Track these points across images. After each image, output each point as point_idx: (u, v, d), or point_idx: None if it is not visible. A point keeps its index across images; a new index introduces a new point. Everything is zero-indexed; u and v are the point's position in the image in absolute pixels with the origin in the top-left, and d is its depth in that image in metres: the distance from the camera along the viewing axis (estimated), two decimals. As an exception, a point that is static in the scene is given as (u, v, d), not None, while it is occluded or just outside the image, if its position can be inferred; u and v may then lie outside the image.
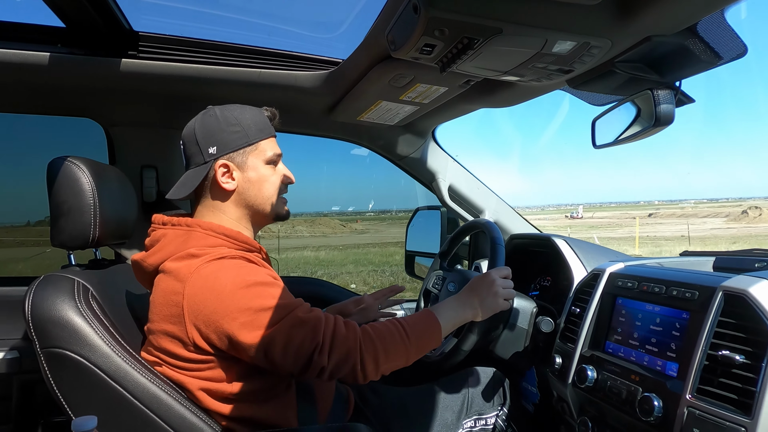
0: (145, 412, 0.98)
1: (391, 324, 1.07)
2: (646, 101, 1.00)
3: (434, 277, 1.56)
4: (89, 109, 1.64)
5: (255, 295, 0.96)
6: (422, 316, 1.11)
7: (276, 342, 0.95)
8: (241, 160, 1.10)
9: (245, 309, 0.95)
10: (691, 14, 0.82)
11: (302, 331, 0.96)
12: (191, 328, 0.96)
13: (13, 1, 1.44)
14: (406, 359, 1.06)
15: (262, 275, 1.00)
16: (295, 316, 0.97)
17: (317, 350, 0.96)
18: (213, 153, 1.08)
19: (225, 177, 1.10)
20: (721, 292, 0.91)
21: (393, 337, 1.04)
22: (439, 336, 1.10)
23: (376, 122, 1.70)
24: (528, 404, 1.41)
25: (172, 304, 0.98)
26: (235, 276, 0.97)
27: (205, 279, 0.96)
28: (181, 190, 1.09)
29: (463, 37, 0.84)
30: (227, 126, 1.09)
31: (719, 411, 0.82)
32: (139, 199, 1.66)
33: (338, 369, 0.98)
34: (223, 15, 1.52)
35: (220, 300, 0.95)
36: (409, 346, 1.05)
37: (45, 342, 0.98)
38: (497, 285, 1.18)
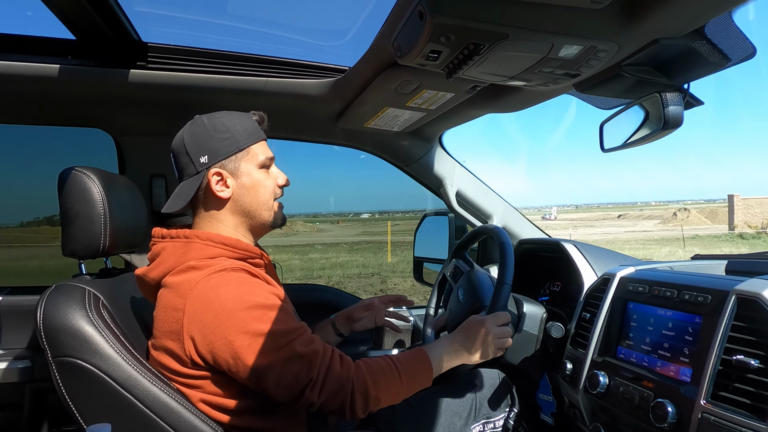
0: (155, 420, 0.98)
1: (385, 363, 1.06)
2: (654, 104, 1.00)
3: (452, 266, 1.55)
4: (99, 120, 1.66)
5: (254, 318, 0.95)
6: (416, 356, 1.11)
7: (270, 372, 0.94)
8: (233, 167, 1.09)
9: (243, 332, 0.94)
10: (699, 16, 0.82)
11: (298, 365, 0.95)
12: (189, 344, 0.96)
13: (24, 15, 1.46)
14: (396, 397, 1.06)
15: (264, 295, 0.99)
16: (292, 348, 0.96)
17: (309, 385, 0.96)
18: (205, 162, 1.07)
19: (219, 185, 1.09)
20: (734, 295, 0.90)
21: (385, 375, 1.04)
22: (430, 377, 1.11)
23: (383, 129, 1.70)
24: (546, 416, 1.39)
25: (172, 320, 0.98)
26: (235, 294, 0.96)
27: (206, 295, 0.96)
28: (176, 202, 1.08)
29: (469, 42, 0.85)
30: (216, 133, 1.08)
31: (734, 416, 0.81)
32: (149, 208, 1.67)
33: (327, 404, 0.98)
34: (231, 25, 1.53)
35: (219, 320, 0.94)
36: (400, 386, 1.05)
37: (56, 351, 0.98)
38: (493, 335, 1.17)
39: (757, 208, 23.60)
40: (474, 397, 1.37)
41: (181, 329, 0.96)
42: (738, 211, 23.46)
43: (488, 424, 1.35)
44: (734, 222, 23.08)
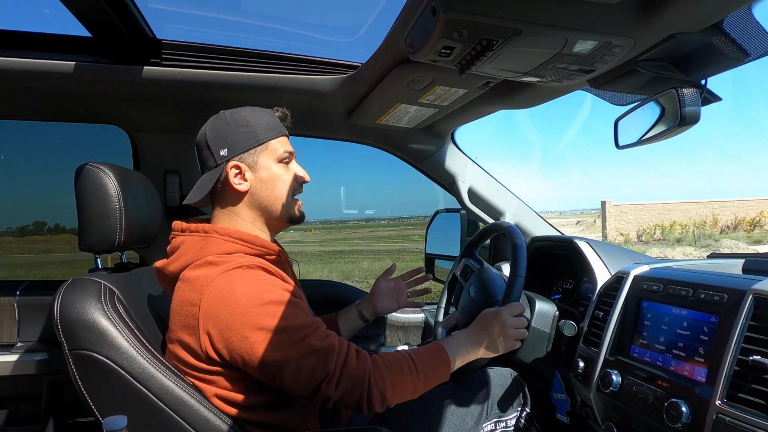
0: (169, 413, 0.99)
1: (402, 357, 1.06)
2: (671, 100, 0.98)
3: (462, 265, 1.54)
4: (114, 116, 1.68)
5: (270, 314, 0.95)
6: (432, 351, 1.10)
7: (286, 367, 0.95)
8: (252, 161, 1.10)
9: (259, 328, 0.94)
10: (717, 11, 0.80)
11: (314, 360, 0.96)
12: (205, 339, 0.97)
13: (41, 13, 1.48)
14: (413, 392, 1.05)
15: (278, 292, 0.99)
16: (308, 343, 0.96)
17: (326, 380, 0.96)
18: (224, 155, 1.09)
19: (237, 178, 1.10)
20: (751, 295, 0.88)
21: (402, 369, 1.04)
22: (447, 372, 1.10)
23: (395, 125, 1.70)
24: (562, 415, 1.38)
25: (188, 315, 0.99)
26: (251, 291, 0.97)
27: (221, 292, 0.96)
28: (195, 194, 1.10)
29: (482, 38, 0.84)
30: (237, 127, 1.10)
31: (750, 418, 0.79)
32: (163, 203, 1.69)
33: (344, 399, 0.98)
34: (244, 21, 1.54)
35: (234, 316, 0.95)
36: (417, 380, 1.05)
37: (73, 344, 1.00)
38: (509, 326, 1.16)
39: (631, 215, 22.25)
40: (486, 395, 1.36)
41: (197, 324, 0.97)
42: (611, 218, 22.11)
43: (500, 423, 1.34)
44: (606, 229, 21.71)
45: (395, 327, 1.89)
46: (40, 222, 11.35)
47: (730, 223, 23.22)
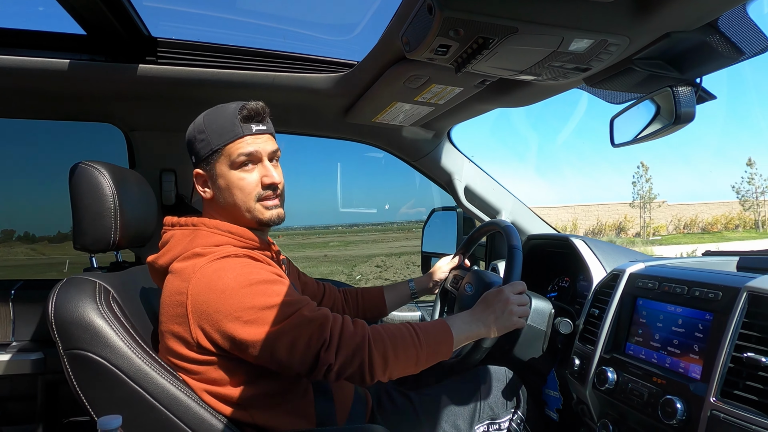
0: (164, 412, 0.99)
1: (404, 327, 1.05)
2: (666, 99, 0.99)
3: (452, 276, 1.55)
4: (110, 115, 1.67)
5: (258, 293, 0.96)
6: (436, 324, 1.09)
7: (282, 340, 0.94)
8: (210, 168, 1.08)
9: (249, 307, 0.94)
10: (712, 9, 0.81)
11: (309, 329, 0.95)
12: (195, 327, 0.97)
13: (35, 10, 1.48)
14: (415, 364, 1.04)
15: (265, 273, 1.00)
16: (300, 314, 0.96)
17: (324, 347, 0.94)
18: (193, 162, 1.12)
19: (203, 187, 1.12)
20: (745, 292, 0.89)
21: (404, 339, 1.02)
22: (450, 346, 1.09)
23: (391, 123, 1.70)
24: (552, 412, 1.39)
25: (177, 304, 0.99)
26: (238, 274, 0.97)
27: (209, 278, 0.97)
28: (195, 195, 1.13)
29: (478, 36, 0.84)
30: (197, 134, 1.08)
31: (744, 414, 0.80)
32: (159, 202, 1.68)
33: (346, 367, 0.96)
34: (239, 20, 1.54)
35: (223, 299, 0.95)
36: (420, 351, 1.03)
37: (68, 344, 1.00)
38: (512, 302, 1.15)
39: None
40: (479, 396, 1.35)
41: (185, 312, 0.97)
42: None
43: (493, 425, 1.33)
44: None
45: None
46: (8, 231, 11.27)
47: (593, 228, 23.04)
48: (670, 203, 33.04)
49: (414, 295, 1.56)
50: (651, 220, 31.10)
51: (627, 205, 31.96)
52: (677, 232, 31.11)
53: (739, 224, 31.57)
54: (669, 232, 31.10)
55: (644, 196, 32.21)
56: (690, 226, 31.68)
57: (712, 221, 31.78)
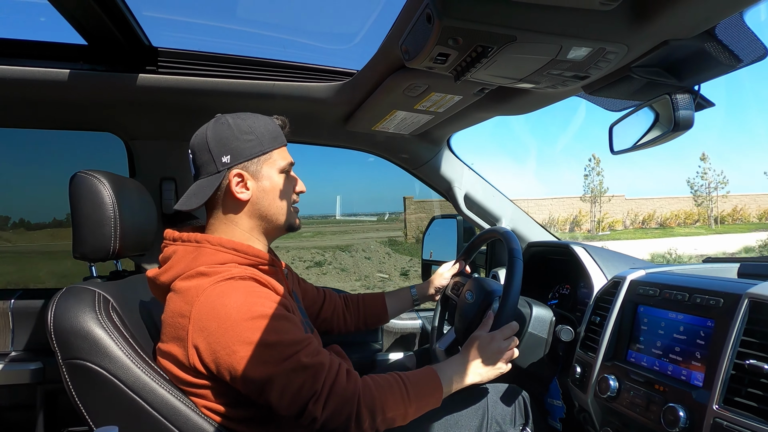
0: (163, 422, 0.99)
1: (393, 378, 1.04)
2: (665, 106, 0.99)
3: (453, 283, 1.55)
4: (110, 124, 1.67)
5: (258, 329, 0.94)
6: (425, 375, 1.09)
7: (274, 384, 0.93)
8: (255, 170, 1.09)
9: (246, 342, 0.93)
10: (709, 17, 0.81)
11: (302, 377, 0.94)
12: (192, 352, 0.96)
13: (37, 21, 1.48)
14: (403, 417, 1.03)
15: (269, 305, 0.98)
16: (297, 359, 0.94)
17: (313, 399, 0.94)
18: (227, 162, 1.06)
19: (239, 187, 1.08)
20: (747, 299, 0.89)
21: (393, 393, 1.02)
22: (439, 398, 1.08)
23: (391, 132, 1.70)
24: (555, 422, 1.38)
25: (178, 326, 0.98)
26: (241, 304, 0.95)
27: (212, 304, 0.95)
28: (192, 200, 1.06)
29: (477, 45, 0.84)
30: (241, 134, 1.07)
31: (747, 422, 0.79)
32: (159, 211, 1.68)
33: (332, 420, 0.95)
34: (239, 29, 1.55)
35: (223, 329, 0.93)
36: (408, 404, 1.02)
37: (67, 353, 0.99)
38: (503, 350, 1.16)
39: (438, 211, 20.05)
40: (486, 410, 1.33)
41: (186, 336, 0.96)
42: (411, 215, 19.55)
43: None
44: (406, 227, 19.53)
45: (392, 333, 1.89)
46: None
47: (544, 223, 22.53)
48: (628, 197, 31.96)
49: (416, 301, 1.55)
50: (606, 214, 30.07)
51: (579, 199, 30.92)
52: (634, 227, 30.32)
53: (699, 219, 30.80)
54: (626, 227, 30.23)
55: (594, 189, 31.02)
56: (647, 221, 30.83)
57: (671, 216, 30.98)
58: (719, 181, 30.63)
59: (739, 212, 30.87)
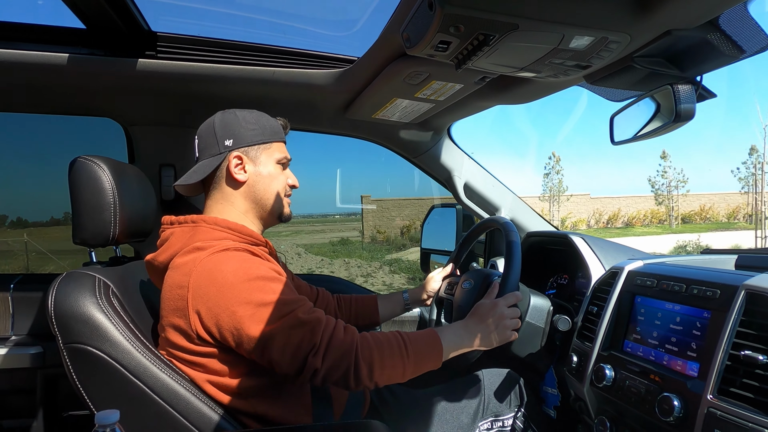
0: (164, 406, 1.00)
1: (392, 335, 1.06)
2: (666, 97, 0.99)
3: (446, 284, 1.54)
4: (109, 109, 1.67)
5: (256, 289, 0.97)
6: (425, 335, 1.09)
7: (274, 340, 0.96)
8: (254, 155, 1.16)
9: (246, 302, 0.96)
10: (713, 7, 0.81)
11: (301, 332, 0.96)
12: (195, 319, 0.98)
13: (34, 4, 1.47)
14: (402, 374, 1.04)
15: (264, 269, 1.01)
16: (295, 315, 0.97)
17: (312, 351, 0.96)
18: (229, 145, 1.13)
19: (237, 168, 1.14)
20: (743, 290, 0.89)
21: (392, 348, 1.03)
22: (439, 358, 1.09)
23: (391, 120, 1.70)
24: (549, 409, 1.39)
25: (178, 297, 1.00)
26: (237, 268, 0.98)
27: (209, 271, 0.98)
28: (192, 176, 1.13)
29: (479, 33, 0.84)
30: (245, 123, 1.15)
31: (741, 412, 0.80)
32: (158, 197, 1.68)
33: (331, 372, 0.97)
34: (239, 14, 1.53)
35: (221, 292, 0.96)
36: (407, 361, 1.04)
37: (67, 338, 1.00)
38: (506, 316, 1.16)
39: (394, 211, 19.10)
40: (482, 394, 1.36)
41: (186, 305, 0.98)
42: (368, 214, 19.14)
43: (497, 422, 1.34)
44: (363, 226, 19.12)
45: (390, 322, 1.90)
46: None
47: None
48: (593, 196, 31.20)
49: (407, 305, 1.56)
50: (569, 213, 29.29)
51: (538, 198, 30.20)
52: (598, 226, 29.71)
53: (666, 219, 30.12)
54: (590, 227, 29.47)
55: (553, 188, 30.32)
56: (612, 220, 30.20)
57: (637, 215, 30.32)
58: (679, 179, 29.95)
59: (707, 211, 30.07)
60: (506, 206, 1.93)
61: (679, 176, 29.90)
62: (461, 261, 1.59)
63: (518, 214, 1.93)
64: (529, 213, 1.95)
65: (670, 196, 29.40)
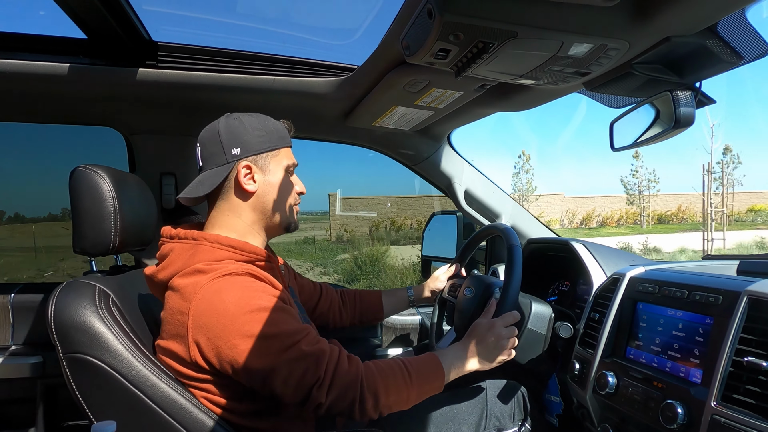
0: (163, 416, 0.99)
1: (395, 363, 1.05)
2: (666, 103, 0.99)
3: (449, 285, 1.55)
4: (110, 119, 1.67)
5: (258, 321, 0.94)
6: (427, 360, 1.10)
7: (277, 373, 0.94)
8: (263, 164, 1.11)
9: (247, 335, 0.93)
10: (711, 14, 0.81)
11: (304, 365, 0.95)
12: (194, 348, 0.96)
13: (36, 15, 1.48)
14: (406, 401, 1.04)
15: (267, 298, 0.98)
16: (298, 348, 0.95)
17: (317, 384, 0.95)
18: (236, 154, 1.08)
19: (247, 178, 1.10)
20: (746, 296, 0.89)
21: (395, 377, 1.03)
22: (441, 384, 1.09)
23: (391, 127, 1.70)
24: (552, 418, 1.38)
25: (178, 323, 0.98)
26: (239, 298, 0.96)
27: (210, 300, 0.95)
28: (198, 188, 1.08)
29: (478, 41, 0.84)
30: (252, 129, 1.11)
31: (745, 419, 0.80)
32: (159, 206, 1.68)
33: (336, 404, 0.96)
34: (239, 24, 1.54)
35: (222, 324, 0.94)
36: (411, 388, 1.03)
37: (67, 347, 0.99)
38: (503, 336, 1.16)
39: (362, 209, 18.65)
40: (485, 405, 1.35)
41: (186, 333, 0.96)
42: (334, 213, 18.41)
43: None
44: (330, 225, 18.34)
45: (391, 329, 1.89)
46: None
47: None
48: (567, 196, 30.22)
49: (411, 302, 1.56)
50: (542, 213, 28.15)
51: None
52: (572, 227, 28.81)
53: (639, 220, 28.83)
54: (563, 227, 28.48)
55: (522, 188, 29.59)
56: (587, 220, 29.28)
57: (611, 215, 29.37)
58: (650, 179, 28.94)
59: (683, 211, 29.16)
60: (507, 213, 1.93)
61: (650, 176, 28.96)
62: (466, 262, 1.59)
63: (519, 221, 1.93)
64: (530, 219, 1.95)
65: (641, 196, 28.39)
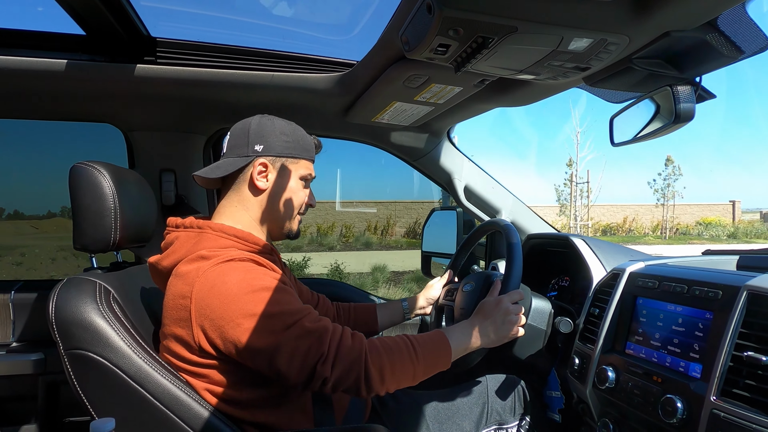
0: (165, 412, 0.99)
1: (401, 339, 1.05)
2: (666, 98, 0.99)
3: (445, 291, 1.54)
4: (109, 115, 1.67)
5: (261, 300, 0.95)
6: (433, 337, 1.09)
7: (281, 351, 0.94)
8: (280, 166, 1.14)
9: (251, 314, 0.94)
10: (712, 8, 0.81)
11: (308, 341, 0.95)
12: (198, 331, 0.97)
13: (34, 11, 1.47)
14: (412, 377, 1.04)
15: (268, 279, 1.00)
16: (301, 325, 0.96)
17: (321, 360, 0.95)
18: (258, 150, 1.12)
19: (261, 175, 1.12)
20: (745, 291, 0.89)
21: (401, 352, 1.02)
22: (448, 359, 1.08)
23: (391, 123, 1.70)
24: (554, 413, 1.39)
25: (180, 307, 0.99)
26: (241, 279, 0.97)
27: (212, 282, 0.96)
28: (215, 170, 1.11)
29: (478, 36, 0.84)
30: (280, 134, 1.14)
31: (744, 413, 0.80)
32: (158, 202, 1.68)
33: (341, 380, 0.96)
34: (238, 19, 1.54)
35: (225, 304, 0.95)
36: (416, 364, 1.03)
37: (68, 344, 1.00)
38: (511, 312, 1.16)
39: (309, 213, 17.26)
40: (486, 401, 1.35)
41: (189, 316, 0.97)
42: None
43: (500, 430, 1.33)
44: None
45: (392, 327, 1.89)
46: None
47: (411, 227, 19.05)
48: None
49: (406, 314, 1.55)
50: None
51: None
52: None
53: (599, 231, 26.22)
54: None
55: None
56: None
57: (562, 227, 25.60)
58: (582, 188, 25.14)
59: (630, 223, 27.37)
60: (507, 209, 1.93)
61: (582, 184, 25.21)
62: (460, 267, 1.59)
63: (519, 217, 1.93)
64: (530, 215, 1.95)
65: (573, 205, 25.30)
